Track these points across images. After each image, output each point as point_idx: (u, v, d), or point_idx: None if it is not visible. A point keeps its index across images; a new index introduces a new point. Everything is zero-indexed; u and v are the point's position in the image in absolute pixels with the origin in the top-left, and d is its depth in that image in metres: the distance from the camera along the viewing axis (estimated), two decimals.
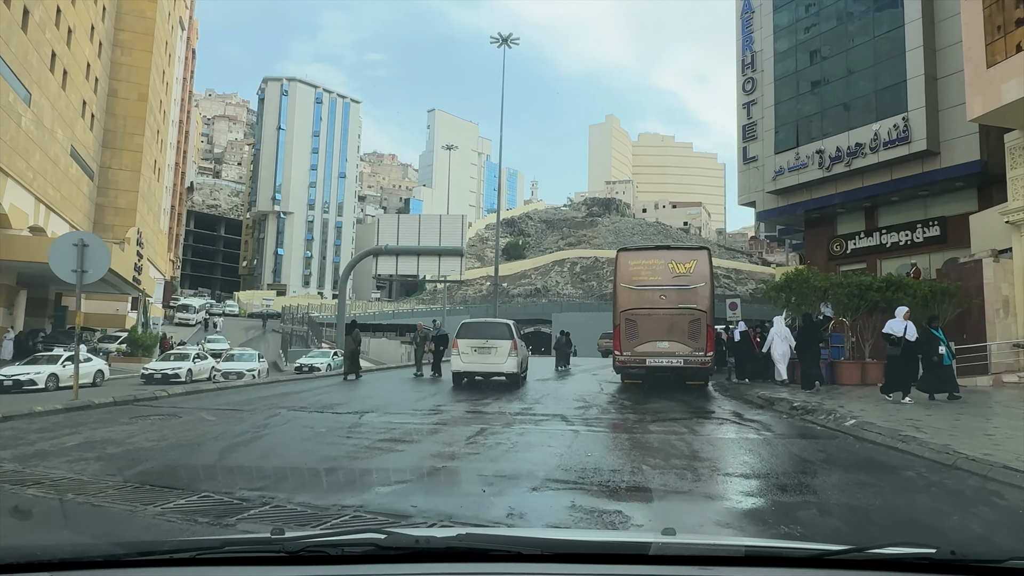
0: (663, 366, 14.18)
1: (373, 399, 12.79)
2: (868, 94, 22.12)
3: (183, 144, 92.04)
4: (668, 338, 14.11)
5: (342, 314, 39.50)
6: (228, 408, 10.04)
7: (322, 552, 1.63)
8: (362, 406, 10.82)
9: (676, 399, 12.94)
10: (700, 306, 14.19)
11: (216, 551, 1.64)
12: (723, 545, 1.79)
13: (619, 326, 14.51)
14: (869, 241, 23.36)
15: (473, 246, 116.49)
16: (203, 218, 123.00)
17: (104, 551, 1.66)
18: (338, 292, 41.35)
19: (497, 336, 15.74)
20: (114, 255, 29.29)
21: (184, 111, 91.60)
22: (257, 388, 14.53)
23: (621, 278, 14.88)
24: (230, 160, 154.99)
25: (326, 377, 21.06)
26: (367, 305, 78.39)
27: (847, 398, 11.91)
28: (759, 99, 26.50)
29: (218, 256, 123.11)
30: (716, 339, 14.96)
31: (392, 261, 38.15)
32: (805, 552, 1.73)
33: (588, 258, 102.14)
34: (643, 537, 1.77)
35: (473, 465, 6.08)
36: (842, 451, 7.24)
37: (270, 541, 1.66)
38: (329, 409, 10.21)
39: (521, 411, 10.59)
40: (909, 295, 14.61)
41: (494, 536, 1.85)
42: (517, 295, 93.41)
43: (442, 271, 38.47)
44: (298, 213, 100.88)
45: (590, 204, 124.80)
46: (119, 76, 41.94)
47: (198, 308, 56.97)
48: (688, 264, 14.37)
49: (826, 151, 23.05)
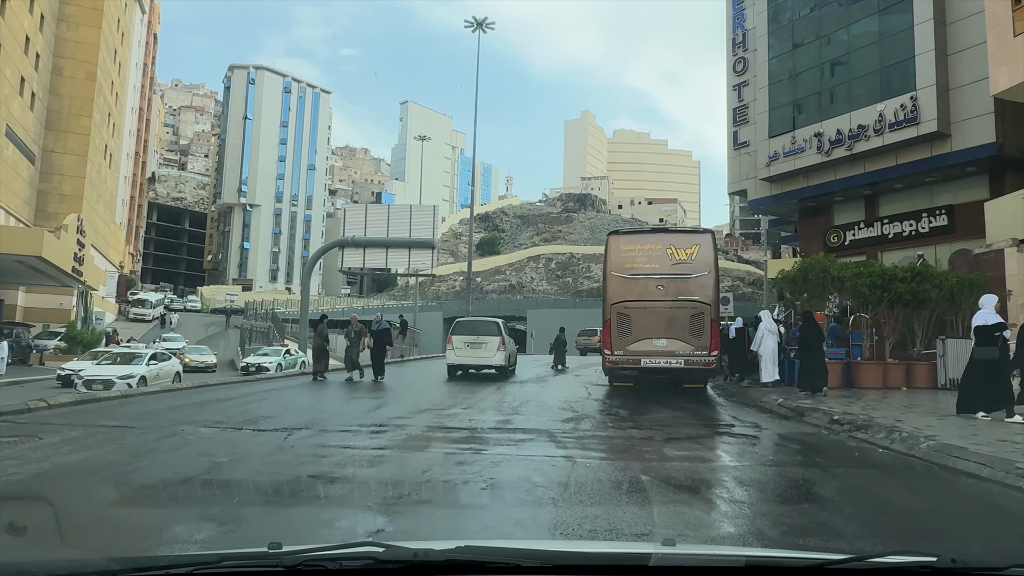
0: (660, 367, 12.28)
1: (315, 409, 10.69)
2: (872, 72, 20.48)
3: (143, 132, 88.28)
4: (666, 335, 12.22)
5: (305, 310, 37.12)
6: (116, 425, 7.81)
7: (320, 566, 1.62)
8: (296, 419, 8.72)
9: (677, 407, 11.05)
10: (703, 298, 12.33)
11: (213, 566, 1.62)
12: (724, 556, 1.80)
13: (609, 321, 12.58)
14: (869, 232, 21.76)
15: (447, 241, 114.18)
16: (167, 211, 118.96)
17: (100, 566, 1.62)
18: (301, 287, 38.91)
19: (487, 333, 17.50)
20: (48, 243, 26.66)
21: (145, 98, 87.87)
22: (177, 395, 12.19)
23: (612, 266, 12.95)
24: (196, 152, 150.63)
25: (274, 379, 18.85)
26: (336, 301, 75.82)
27: (889, 406, 10.08)
28: (751, 80, 24.78)
29: (182, 250, 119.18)
30: (721, 337, 13.06)
31: (359, 254, 35.87)
32: (806, 562, 1.72)
33: (564, 254, 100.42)
34: (643, 548, 1.76)
35: (423, 529, 4.07)
36: (956, 498, 5.27)
37: (267, 556, 1.66)
38: (252, 424, 8.06)
39: (498, 425, 8.58)
40: (935, 286, 12.92)
41: (493, 548, 1.78)
42: (491, 291, 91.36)
43: (413, 264, 36.22)
44: (265, 206, 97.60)
45: (565, 200, 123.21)
46: (64, 53, 38.97)
47: (155, 303, 53.97)
48: (690, 249, 12.46)
49: (825, 134, 21.38)
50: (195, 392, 12.88)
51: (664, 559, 1.65)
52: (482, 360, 17.24)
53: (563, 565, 1.67)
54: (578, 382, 16.17)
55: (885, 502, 5.10)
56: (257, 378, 19.49)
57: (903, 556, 1.66)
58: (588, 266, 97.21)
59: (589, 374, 18.75)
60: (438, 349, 68.38)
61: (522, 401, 11.61)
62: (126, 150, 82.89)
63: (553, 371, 20.62)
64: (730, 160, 25.81)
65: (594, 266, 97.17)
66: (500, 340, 17.29)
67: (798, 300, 14.54)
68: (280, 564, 1.62)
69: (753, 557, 1.80)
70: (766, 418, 9.87)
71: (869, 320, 13.88)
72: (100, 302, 48.41)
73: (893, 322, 13.42)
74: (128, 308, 54.21)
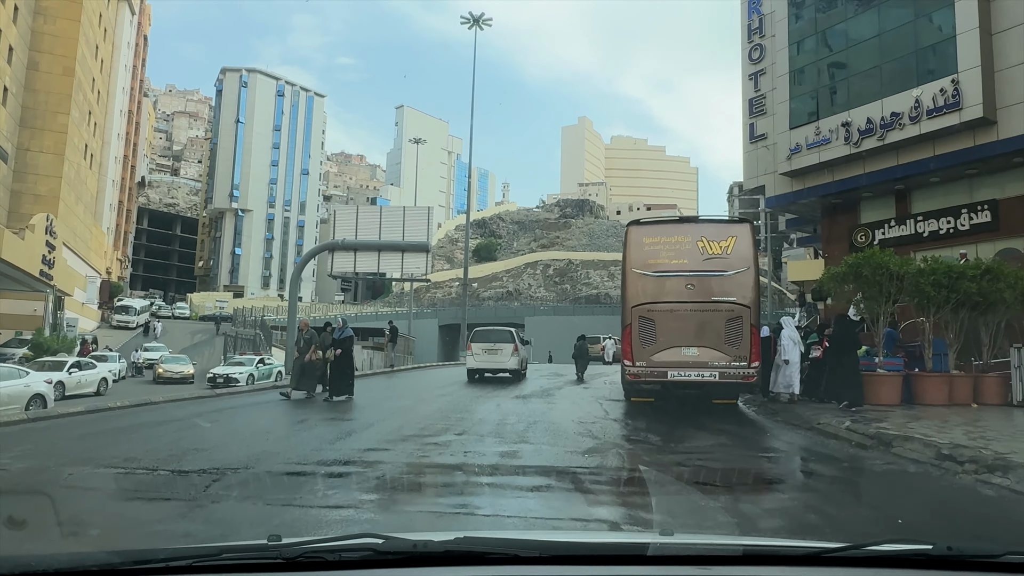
0: (691, 381, 10.43)
1: (269, 436, 8.75)
2: (907, 54, 18.71)
3: (133, 136, 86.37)
4: (698, 343, 10.37)
5: (293, 317, 35.10)
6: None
7: (319, 558, 1.61)
8: (236, 454, 6.86)
9: (716, 429, 9.21)
10: (741, 299, 10.49)
11: (213, 558, 1.62)
12: (721, 544, 1.80)
13: (630, 327, 10.71)
14: (901, 230, 19.95)
15: (443, 247, 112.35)
16: (158, 216, 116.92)
17: (100, 560, 1.62)
18: (289, 292, 36.96)
19: (502, 340, 19.91)
20: (10, 245, 24.76)
21: (134, 101, 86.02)
22: (108, 416, 10.06)
23: (633, 262, 11.08)
24: (190, 157, 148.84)
25: (241, 393, 16.94)
26: (328, 308, 73.70)
27: (995, 431, 8.12)
28: (768, 68, 23.02)
29: (174, 256, 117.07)
30: (763, 345, 11.17)
31: (350, 257, 33.91)
32: (803, 550, 1.73)
33: (562, 260, 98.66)
34: (641, 538, 1.85)
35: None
36: None
37: (267, 547, 1.65)
38: (173, 463, 6.12)
39: (500, 460, 6.69)
40: (1009, 286, 11.10)
41: (492, 539, 1.78)
42: (488, 298, 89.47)
43: (406, 269, 34.24)
44: (257, 211, 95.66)
45: (563, 206, 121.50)
46: (41, 47, 37.12)
47: (139, 310, 51.90)
48: (725, 242, 10.61)
49: (854, 123, 19.60)
50: (131, 412, 10.84)
51: (662, 548, 1.65)
52: (498, 364, 19.55)
53: (562, 555, 1.67)
54: (589, 396, 14.31)
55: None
56: (220, 393, 17.53)
57: (899, 544, 1.67)
58: (587, 273, 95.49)
59: (599, 386, 16.89)
60: (433, 357, 66.36)
61: (529, 423, 9.71)
62: (114, 153, 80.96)
63: (577, 382, 19.25)
64: (746, 155, 24.02)
65: (593, 273, 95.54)
66: (514, 347, 19.57)
67: (848, 300, 12.61)
68: (280, 556, 1.61)
69: (751, 546, 1.79)
70: (840, 448, 7.91)
71: (926, 325, 12.02)
72: (81, 308, 46.39)
73: (956, 328, 11.59)
74: (111, 315, 52.12)
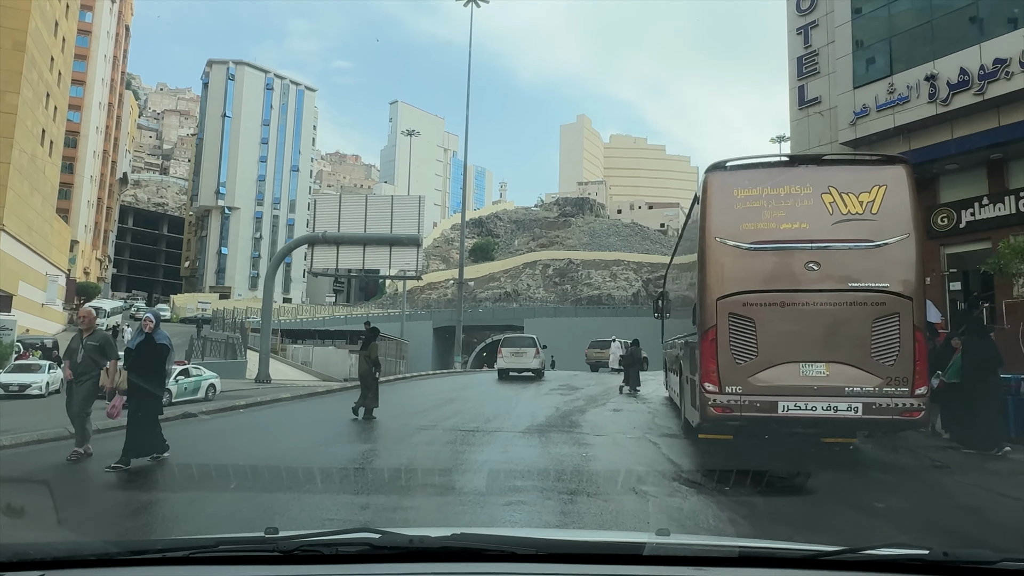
0: (817, 417, 6.66)
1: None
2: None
3: (113, 130, 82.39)
4: (828, 356, 6.57)
5: (267, 319, 31.35)
6: None
7: (316, 551, 1.61)
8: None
9: (869, 508, 5.42)
10: (898, 285, 6.78)
11: (210, 550, 1.61)
12: (718, 546, 1.79)
13: (713, 331, 6.93)
14: (998, 209, 16.16)
15: (438, 247, 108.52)
16: (144, 215, 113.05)
17: (98, 549, 1.63)
18: (263, 292, 33.12)
19: (527, 345, 23.91)
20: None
21: (115, 93, 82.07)
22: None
23: (716, 227, 7.29)
24: (180, 156, 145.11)
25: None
26: (316, 309, 69.80)
27: None
28: (822, 19, 19.26)
29: (160, 256, 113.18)
30: (929, 358, 7.28)
31: (332, 253, 30.10)
32: (799, 553, 1.71)
33: (562, 260, 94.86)
34: (638, 537, 1.75)
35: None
36: None
37: (264, 540, 1.64)
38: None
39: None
40: None
41: (489, 536, 1.77)
42: (485, 299, 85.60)
43: (394, 265, 30.37)
44: (245, 209, 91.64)
45: (562, 204, 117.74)
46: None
47: (109, 312, 47.86)
48: (868, 194, 6.76)
49: (941, 76, 15.83)
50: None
51: (658, 548, 1.64)
52: (523, 365, 23.31)
53: (558, 553, 1.66)
54: (627, 423, 10.51)
55: None
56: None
57: (895, 548, 1.66)
58: (588, 273, 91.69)
59: (634, 408, 13.06)
60: (428, 361, 62.29)
61: (561, 466, 5.92)
62: (92, 148, 76.99)
63: (626, 392, 16.51)
64: (794, 124, 20.24)
65: (594, 273, 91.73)
66: (535, 351, 23.47)
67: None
68: (276, 549, 1.60)
69: (747, 548, 1.77)
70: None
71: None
72: (40, 310, 42.46)
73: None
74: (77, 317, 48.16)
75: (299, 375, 41.70)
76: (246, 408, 14.06)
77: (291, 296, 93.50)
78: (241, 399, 15.36)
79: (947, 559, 1.59)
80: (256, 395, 16.72)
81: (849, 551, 1.63)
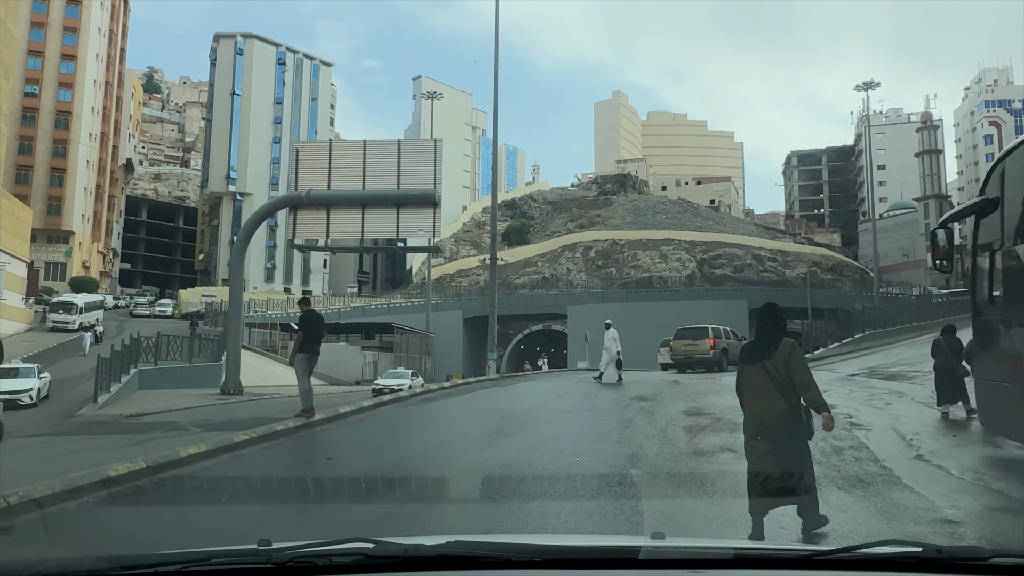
0: None
1: None
2: None
3: (112, 111, 75.76)
4: None
5: (235, 311, 23.50)
6: None
7: (310, 562, 1.60)
8: None
9: None
10: None
11: (202, 563, 1.60)
12: (712, 548, 1.78)
13: None
14: None
15: (468, 231, 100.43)
16: (159, 207, 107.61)
17: (89, 565, 1.61)
18: (231, 274, 25.27)
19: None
20: None
21: (112, 71, 75.40)
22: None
23: None
24: (201, 148, 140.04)
25: None
26: (330, 300, 62.15)
27: None
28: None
29: (177, 250, 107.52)
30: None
31: (320, 218, 22.14)
32: (794, 553, 1.72)
33: (604, 241, 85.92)
34: (633, 541, 1.76)
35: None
36: None
37: (257, 552, 1.64)
38: None
39: None
40: None
41: (483, 543, 1.74)
42: (521, 285, 77.24)
43: (404, 229, 22.15)
44: (258, 195, 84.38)
45: (602, 182, 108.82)
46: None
47: (84, 307, 40.71)
48: None
49: None
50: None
51: (653, 552, 1.64)
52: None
53: (553, 559, 1.65)
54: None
55: None
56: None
57: (889, 547, 1.66)
58: (634, 254, 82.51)
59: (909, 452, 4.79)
60: (458, 357, 53.90)
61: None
62: (88, 129, 70.31)
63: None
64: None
65: (642, 254, 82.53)
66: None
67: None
68: (269, 561, 1.60)
69: (742, 549, 1.77)
70: None
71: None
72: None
73: None
74: (45, 314, 41.13)
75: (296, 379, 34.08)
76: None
77: (311, 288, 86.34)
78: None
79: (941, 556, 1.61)
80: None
81: (843, 550, 1.64)
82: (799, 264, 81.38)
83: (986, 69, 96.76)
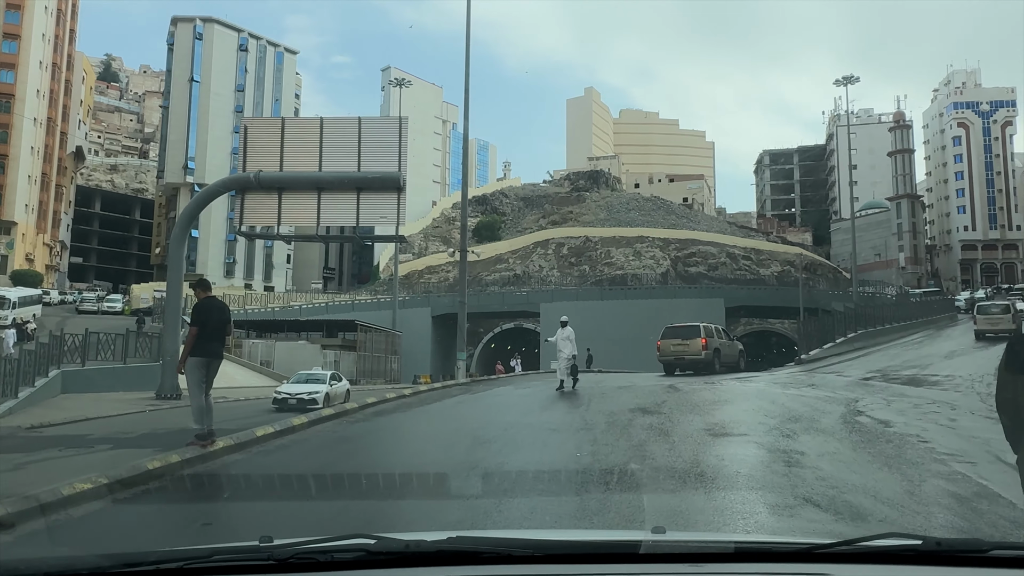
0: None
1: None
2: None
3: (59, 94, 71.53)
4: None
5: (174, 306, 20.80)
6: None
7: (311, 558, 1.60)
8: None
9: None
10: None
11: (204, 560, 1.60)
12: (713, 542, 1.78)
13: None
14: None
15: (438, 227, 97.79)
16: (114, 199, 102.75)
17: (91, 563, 1.60)
18: (169, 264, 22.61)
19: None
20: None
21: (61, 54, 71.20)
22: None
23: None
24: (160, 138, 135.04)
25: None
26: (291, 297, 59.19)
27: None
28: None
29: (132, 244, 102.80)
30: None
31: (271, 203, 19.62)
32: (794, 547, 1.71)
33: (577, 238, 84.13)
34: (633, 536, 1.74)
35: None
36: None
37: (259, 549, 1.64)
38: None
39: None
40: None
41: (484, 538, 1.77)
42: (492, 282, 74.99)
43: (364, 216, 19.68)
44: None
45: (574, 179, 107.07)
46: None
47: (16, 302, 37.42)
48: None
49: None
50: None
51: (654, 546, 1.64)
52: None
53: (554, 554, 1.66)
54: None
55: None
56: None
57: (889, 540, 1.65)
58: (607, 251, 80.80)
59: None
60: (426, 356, 51.58)
61: None
62: (33, 114, 66.02)
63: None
64: None
65: (615, 251, 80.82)
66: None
67: None
68: (271, 557, 1.61)
69: (742, 543, 1.78)
70: None
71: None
72: None
73: None
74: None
75: (250, 379, 31.38)
76: None
77: (273, 284, 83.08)
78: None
79: (940, 548, 1.60)
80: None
81: (843, 543, 1.63)
82: (773, 263, 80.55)
83: (955, 71, 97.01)
